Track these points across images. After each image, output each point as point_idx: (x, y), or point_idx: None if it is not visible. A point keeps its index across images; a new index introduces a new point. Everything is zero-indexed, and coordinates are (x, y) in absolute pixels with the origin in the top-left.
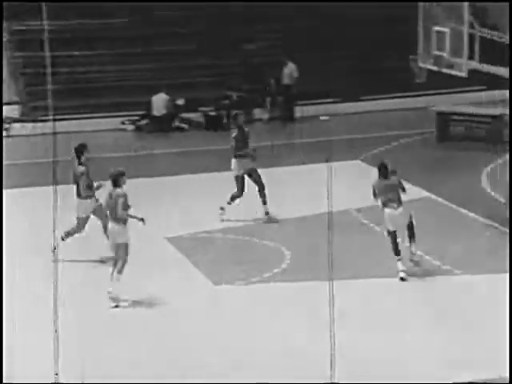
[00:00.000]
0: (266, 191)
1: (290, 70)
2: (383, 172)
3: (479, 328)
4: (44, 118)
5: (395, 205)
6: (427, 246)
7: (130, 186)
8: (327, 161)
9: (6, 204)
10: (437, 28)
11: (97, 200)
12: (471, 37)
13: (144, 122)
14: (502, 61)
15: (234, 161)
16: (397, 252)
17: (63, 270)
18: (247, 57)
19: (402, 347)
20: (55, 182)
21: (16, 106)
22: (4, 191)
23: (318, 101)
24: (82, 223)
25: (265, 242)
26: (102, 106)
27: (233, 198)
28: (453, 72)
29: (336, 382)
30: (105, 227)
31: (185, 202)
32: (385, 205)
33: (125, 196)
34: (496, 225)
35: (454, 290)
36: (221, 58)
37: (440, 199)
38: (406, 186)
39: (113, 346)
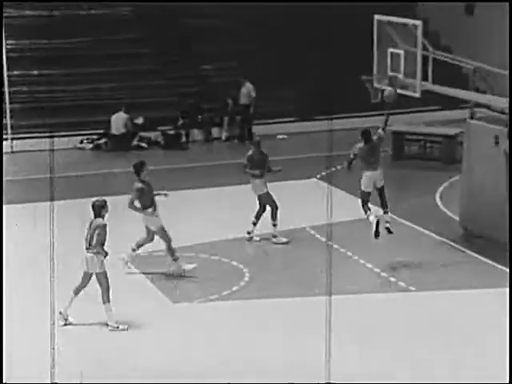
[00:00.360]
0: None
1: (247, 89)
2: (367, 137)
3: (437, 344)
4: (2, 136)
5: (376, 166)
6: (383, 264)
7: (87, 204)
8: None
9: None
10: (391, 50)
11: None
12: (425, 59)
13: (103, 140)
14: (454, 82)
15: (256, 181)
16: (366, 210)
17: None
18: (205, 76)
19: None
20: (52, 198)
21: None
22: None
23: (276, 120)
24: (151, 235)
25: (223, 259)
26: (61, 125)
27: (273, 216)
28: (407, 92)
29: (335, 382)
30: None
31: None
32: (365, 168)
33: (103, 227)
34: (449, 242)
35: (410, 307)
36: (179, 78)
37: (396, 217)
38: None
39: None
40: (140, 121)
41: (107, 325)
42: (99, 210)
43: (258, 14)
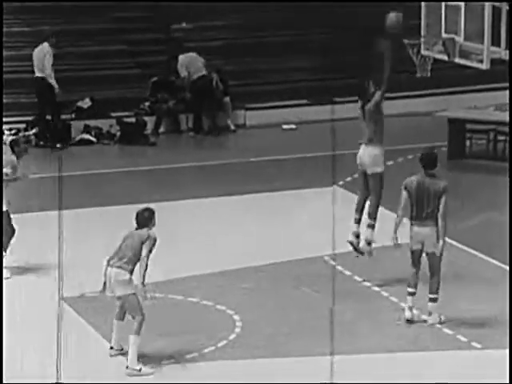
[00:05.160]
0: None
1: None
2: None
3: None
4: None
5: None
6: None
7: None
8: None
9: None
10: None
11: None
12: (495, 13)
13: (33, 131)
14: None
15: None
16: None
17: None
18: (179, 40)
19: None
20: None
21: None
22: None
23: (281, 103)
24: None
25: (205, 302)
26: None
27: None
28: (469, 63)
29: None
30: None
31: (92, 243)
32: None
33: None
34: None
35: (467, 369)
36: (142, 41)
37: (455, 242)
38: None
39: None
40: (86, 104)
41: (127, 367)
42: (146, 221)
43: None
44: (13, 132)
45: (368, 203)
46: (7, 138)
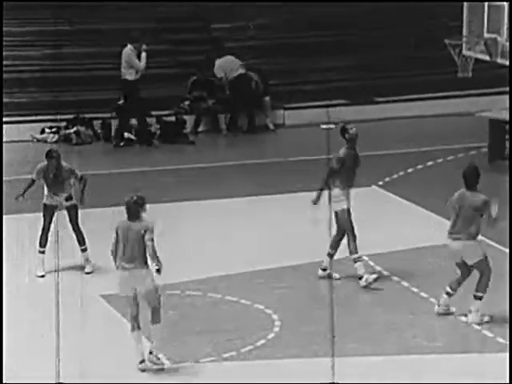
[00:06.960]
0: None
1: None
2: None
3: None
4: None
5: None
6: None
7: None
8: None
9: None
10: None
11: None
12: None
13: (73, 129)
14: None
15: (338, 191)
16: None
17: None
18: (219, 40)
19: None
20: None
21: None
22: None
23: (319, 103)
24: None
25: (243, 301)
26: (14, 106)
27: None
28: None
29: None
30: None
31: None
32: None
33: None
34: None
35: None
36: (184, 41)
37: (496, 244)
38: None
39: None
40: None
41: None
42: (137, 209)
43: None
44: (53, 130)
45: (346, 241)
46: (48, 135)
